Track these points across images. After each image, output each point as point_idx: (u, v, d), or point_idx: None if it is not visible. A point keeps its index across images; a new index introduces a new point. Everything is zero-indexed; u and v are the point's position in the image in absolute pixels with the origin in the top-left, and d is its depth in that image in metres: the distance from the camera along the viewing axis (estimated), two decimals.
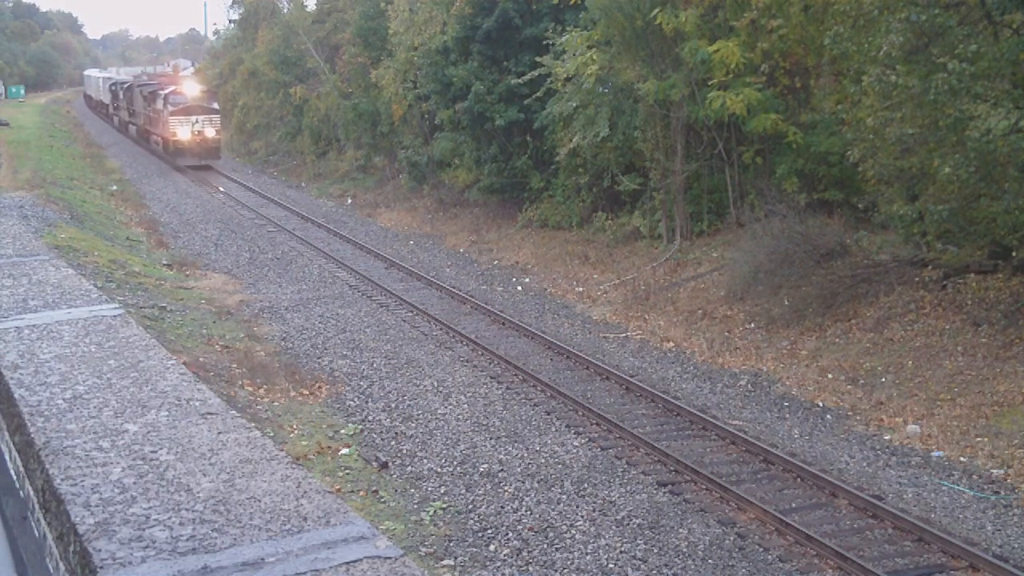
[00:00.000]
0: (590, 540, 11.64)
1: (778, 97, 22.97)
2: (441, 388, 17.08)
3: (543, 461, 13.95)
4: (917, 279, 18.68)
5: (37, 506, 2.23)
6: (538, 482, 13.23)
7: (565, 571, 11.01)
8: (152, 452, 2.20)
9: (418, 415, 15.81)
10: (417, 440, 14.80)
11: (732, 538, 11.79)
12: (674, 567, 11.13)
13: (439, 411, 15.97)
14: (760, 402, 16.51)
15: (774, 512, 12.15)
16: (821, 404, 16.21)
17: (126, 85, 64.08)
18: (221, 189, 42.70)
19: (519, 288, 25.02)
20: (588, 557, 11.27)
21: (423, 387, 17.15)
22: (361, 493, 12.89)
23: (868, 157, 18.24)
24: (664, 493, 12.99)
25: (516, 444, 14.55)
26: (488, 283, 25.62)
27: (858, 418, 15.55)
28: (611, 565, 11.12)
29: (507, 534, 11.81)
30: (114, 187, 41.27)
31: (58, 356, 2.95)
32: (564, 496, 12.81)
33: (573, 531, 11.86)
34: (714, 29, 23.30)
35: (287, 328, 20.84)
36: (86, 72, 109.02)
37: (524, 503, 12.61)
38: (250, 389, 16.42)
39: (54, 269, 4.27)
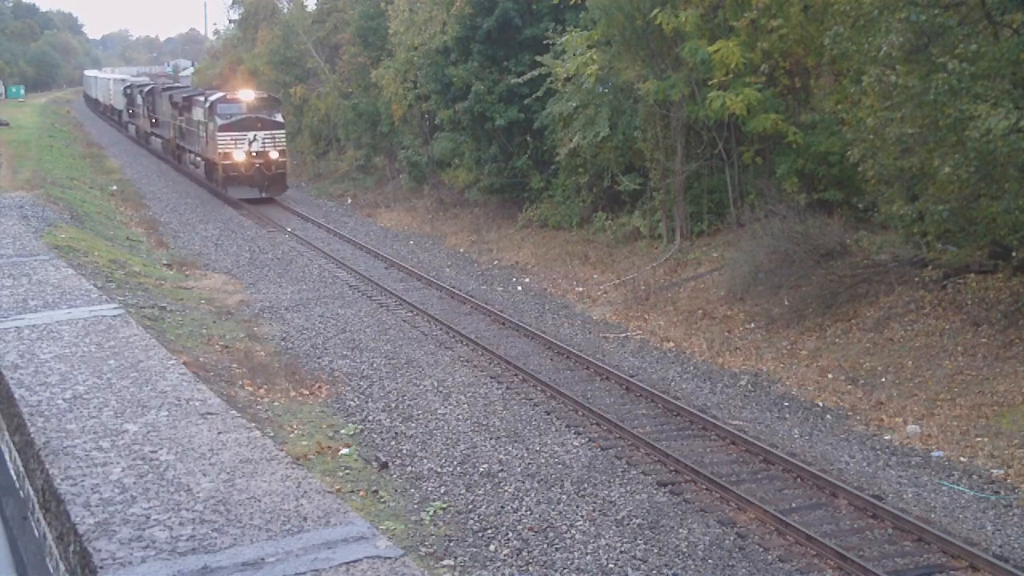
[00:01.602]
0: (590, 540, 11.64)
1: (778, 97, 22.96)
2: (441, 388, 17.07)
3: (543, 461, 13.94)
4: (917, 279, 18.68)
5: (37, 506, 2.23)
6: (538, 482, 13.23)
7: (565, 571, 11.00)
8: (152, 452, 2.20)
9: (418, 415, 15.81)
10: (417, 440, 14.79)
11: (732, 538, 11.79)
12: (674, 567, 11.13)
13: (439, 411, 15.97)
14: (760, 402, 16.50)
15: (774, 512, 12.14)
16: (821, 404, 16.21)
17: (147, 88, 54.69)
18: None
19: (519, 288, 25.02)
20: (588, 557, 11.27)
21: (423, 387, 17.14)
22: (361, 493, 12.88)
23: (868, 157, 18.23)
24: (664, 493, 12.98)
25: (516, 444, 14.55)
26: (488, 283, 25.62)
27: (858, 418, 15.54)
28: (611, 565, 11.11)
29: (507, 534, 11.81)
30: (114, 187, 41.27)
31: (58, 356, 2.95)
32: (564, 496, 12.81)
33: (573, 531, 11.85)
34: (714, 29, 23.29)
35: (287, 328, 20.84)
36: (87, 73, 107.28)
37: (524, 503, 12.60)
38: (250, 389, 16.42)
39: (54, 269, 4.27)
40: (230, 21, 67.67)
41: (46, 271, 4.22)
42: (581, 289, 24.20)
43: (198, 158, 40.38)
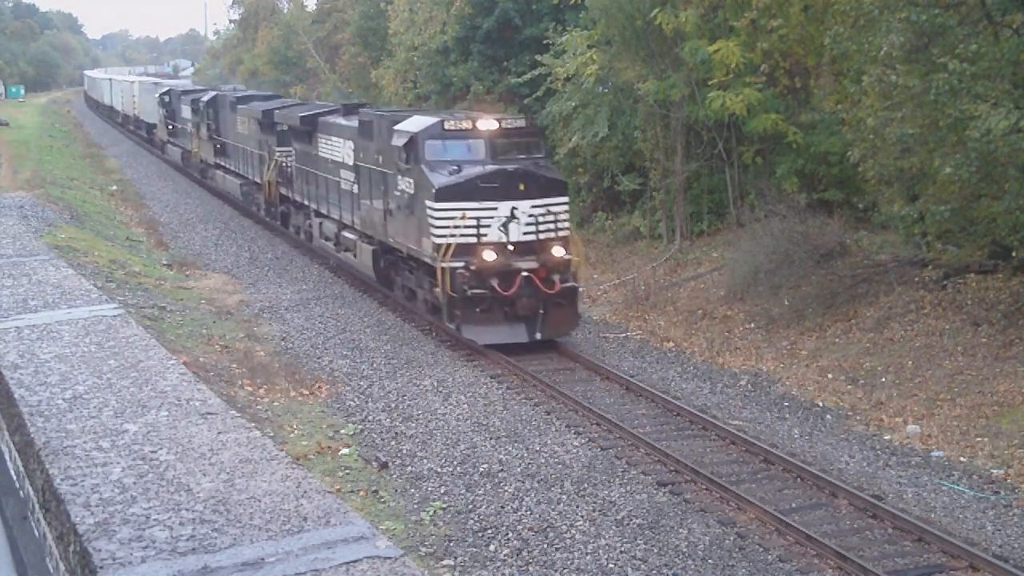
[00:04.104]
0: (590, 540, 11.63)
1: (778, 97, 22.97)
2: (441, 388, 17.06)
3: (543, 461, 13.94)
4: (917, 279, 18.68)
5: (37, 506, 2.23)
6: (538, 482, 13.22)
7: (565, 571, 11.00)
8: (152, 452, 2.20)
9: (418, 415, 15.80)
10: (417, 440, 14.79)
11: (732, 538, 11.78)
12: (674, 567, 11.12)
13: (439, 411, 15.96)
14: (760, 402, 16.50)
15: (774, 512, 12.14)
16: (821, 404, 16.20)
17: (206, 97, 36.52)
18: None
19: None
20: (588, 557, 11.27)
21: (423, 387, 17.13)
22: (361, 493, 12.88)
23: (868, 157, 18.23)
24: (664, 493, 12.97)
25: (516, 444, 14.54)
26: None
27: (858, 418, 15.54)
28: (611, 565, 11.11)
29: (507, 534, 11.80)
30: (114, 187, 41.24)
31: (58, 356, 2.95)
32: (564, 496, 12.80)
33: (573, 531, 11.85)
34: (714, 29, 23.30)
35: (287, 328, 20.83)
36: (89, 73, 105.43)
37: (524, 503, 12.60)
38: (250, 389, 16.41)
39: (54, 269, 4.27)
40: (230, 21, 67.85)
41: (46, 271, 4.22)
42: (581, 289, 24.19)
43: (351, 235, 22.68)
